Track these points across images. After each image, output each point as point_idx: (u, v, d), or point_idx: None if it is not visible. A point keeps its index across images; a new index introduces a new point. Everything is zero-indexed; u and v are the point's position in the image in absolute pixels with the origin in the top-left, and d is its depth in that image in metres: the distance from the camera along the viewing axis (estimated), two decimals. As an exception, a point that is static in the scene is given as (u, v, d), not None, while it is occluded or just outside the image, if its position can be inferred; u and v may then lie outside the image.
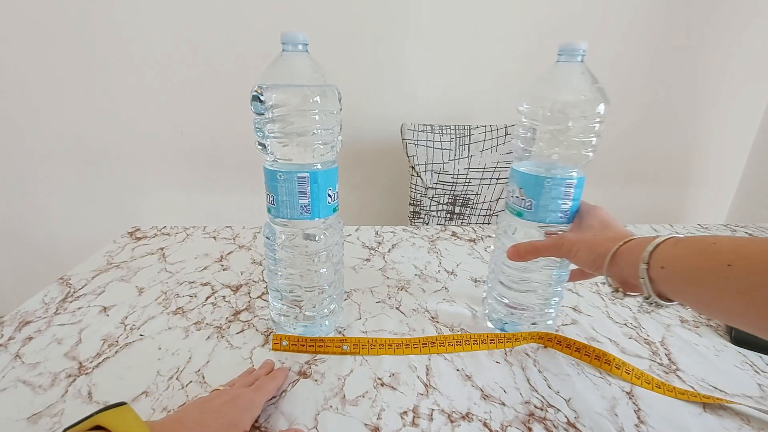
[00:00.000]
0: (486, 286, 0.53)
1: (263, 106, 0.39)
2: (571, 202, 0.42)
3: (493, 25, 1.27)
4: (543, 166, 0.43)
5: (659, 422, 0.37)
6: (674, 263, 0.30)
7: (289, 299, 0.46)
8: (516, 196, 0.44)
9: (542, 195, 0.41)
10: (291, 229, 0.44)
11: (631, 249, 0.33)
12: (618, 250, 0.34)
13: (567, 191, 0.41)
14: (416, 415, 0.37)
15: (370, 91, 1.31)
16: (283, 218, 0.42)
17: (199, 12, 1.19)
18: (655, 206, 1.56)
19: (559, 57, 0.41)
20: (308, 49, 0.40)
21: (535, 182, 0.42)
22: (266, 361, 0.43)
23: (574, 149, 0.41)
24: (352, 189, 1.42)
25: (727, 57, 1.36)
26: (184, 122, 1.31)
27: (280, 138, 0.40)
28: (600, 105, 0.40)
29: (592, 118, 0.40)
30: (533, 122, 0.42)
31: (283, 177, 0.40)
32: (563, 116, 0.40)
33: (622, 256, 0.34)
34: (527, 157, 0.44)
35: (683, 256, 0.30)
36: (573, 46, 0.39)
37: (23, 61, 1.21)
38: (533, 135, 0.43)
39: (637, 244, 0.33)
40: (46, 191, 1.36)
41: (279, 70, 0.39)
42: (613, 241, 0.35)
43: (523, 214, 0.43)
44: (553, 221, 0.43)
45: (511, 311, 0.48)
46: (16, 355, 0.43)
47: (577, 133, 0.40)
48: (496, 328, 0.50)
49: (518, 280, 0.47)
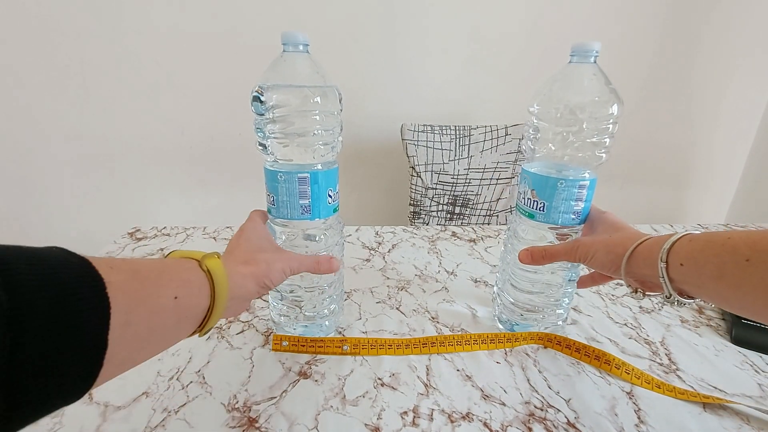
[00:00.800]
0: (495, 288, 0.53)
1: (264, 107, 0.39)
2: (584, 204, 0.42)
3: (493, 25, 1.27)
4: (554, 167, 0.43)
5: (659, 422, 0.37)
6: (693, 260, 0.30)
7: (290, 299, 0.46)
8: (528, 198, 0.44)
9: (555, 196, 0.41)
10: (291, 229, 0.44)
11: (649, 247, 0.33)
12: (635, 249, 0.34)
13: (580, 192, 0.41)
14: (416, 415, 0.37)
15: (370, 92, 1.31)
16: (284, 218, 0.42)
17: (200, 12, 1.19)
18: (655, 206, 1.56)
19: (572, 58, 0.41)
20: (309, 50, 0.40)
21: (548, 184, 0.41)
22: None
23: (587, 150, 0.41)
24: (352, 189, 1.42)
25: (727, 57, 1.36)
26: (184, 122, 1.31)
27: (281, 138, 0.40)
28: (614, 106, 0.40)
29: (605, 119, 0.40)
30: (543, 123, 0.42)
31: (284, 177, 0.40)
32: (576, 117, 0.40)
33: (639, 255, 0.34)
34: (537, 158, 0.44)
35: (701, 252, 0.30)
36: (586, 47, 0.39)
37: (23, 61, 1.21)
38: (542, 135, 0.43)
39: (654, 242, 0.33)
40: (46, 191, 1.36)
41: (280, 70, 0.39)
42: (629, 240, 0.35)
43: (534, 216, 0.43)
44: (566, 222, 0.42)
45: (521, 313, 0.48)
46: (16, 355, 0.43)
47: (590, 135, 0.40)
48: (505, 329, 0.50)
49: (529, 281, 0.47)
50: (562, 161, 0.42)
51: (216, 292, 0.29)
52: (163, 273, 0.27)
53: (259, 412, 0.37)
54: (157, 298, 0.25)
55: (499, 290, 0.51)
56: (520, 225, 0.46)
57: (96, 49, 1.21)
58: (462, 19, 1.26)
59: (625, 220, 0.41)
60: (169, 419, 0.36)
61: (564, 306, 0.48)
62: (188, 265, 0.29)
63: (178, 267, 0.28)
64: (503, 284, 0.50)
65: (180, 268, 0.28)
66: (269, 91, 0.39)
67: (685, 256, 0.30)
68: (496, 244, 0.74)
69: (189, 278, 0.28)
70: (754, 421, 0.37)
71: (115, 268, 0.23)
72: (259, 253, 0.36)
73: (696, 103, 1.42)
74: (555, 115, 0.41)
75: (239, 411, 0.37)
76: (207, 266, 0.29)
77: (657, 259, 0.31)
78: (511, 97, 1.35)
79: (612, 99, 0.40)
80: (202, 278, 0.29)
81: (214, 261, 0.30)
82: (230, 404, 0.38)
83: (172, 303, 0.26)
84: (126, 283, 0.23)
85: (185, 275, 0.28)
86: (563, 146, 0.42)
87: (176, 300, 0.26)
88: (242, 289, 0.33)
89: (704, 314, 0.54)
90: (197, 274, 0.29)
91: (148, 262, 0.27)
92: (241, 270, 0.33)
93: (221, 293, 0.29)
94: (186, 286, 0.28)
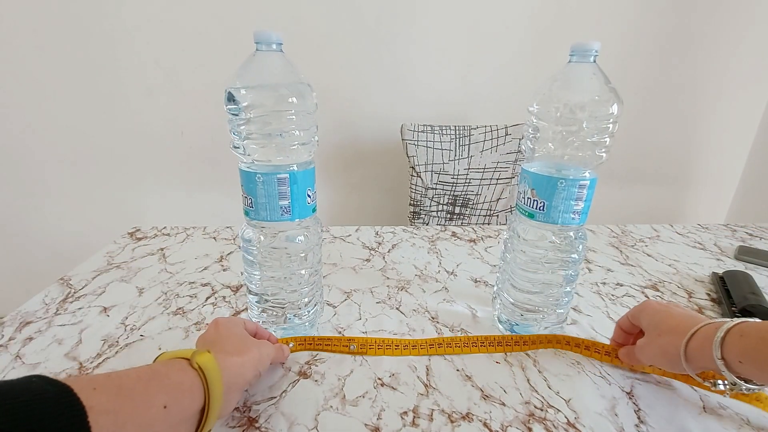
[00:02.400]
0: (495, 288, 0.53)
1: (237, 107, 0.38)
2: (584, 203, 0.42)
3: (493, 25, 1.27)
4: (554, 166, 0.43)
5: (659, 422, 0.37)
6: (751, 359, 0.31)
7: (271, 302, 0.46)
8: (528, 197, 0.44)
9: (555, 196, 0.41)
10: (270, 231, 0.43)
11: (701, 346, 0.33)
12: (687, 350, 0.34)
13: (580, 192, 0.41)
14: (416, 415, 0.37)
15: (370, 92, 1.31)
16: (263, 220, 0.42)
17: (200, 12, 1.19)
18: (655, 206, 1.57)
19: (571, 57, 0.41)
20: (282, 48, 0.39)
21: (548, 183, 0.41)
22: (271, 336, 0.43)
23: (587, 150, 0.41)
24: (352, 189, 1.42)
25: (728, 57, 1.36)
26: (184, 122, 1.31)
27: (258, 139, 0.40)
28: (613, 105, 0.40)
29: (605, 118, 0.40)
30: (543, 123, 0.42)
31: (263, 179, 0.40)
32: (576, 117, 0.40)
33: (694, 355, 0.34)
34: (537, 157, 0.44)
35: (755, 349, 0.30)
36: (585, 46, 0.39)
37: (23, 61, 1.21)
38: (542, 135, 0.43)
39: (703, 339, 0.34)
40: (46, 191, 1.36)
41: (253, 69, 0.39)
42: (678, 337, 0.35)
43: (534, 216, 0.43)
44: (566, 222, 0.43)
45: (521, 313, 0.48)
46: (16, 355, 0.43)
47: (590, 134, 0.40)
48: (505, 329, 0.50)
49: (529, 281, 0.47)
50: (563, 161, 0.42)
51: (210, 389, 0.29)
52: (152, 381, 0.26)
53: (258, 412, 0.37)
54: (145, 411, 0.25)
55: (498, 290, 0.51)
56: (520, 225, 0.46)
57: (96, 49, 1.21)
58: (462, 18, 1.26)
59: (626, 220, 0.41)
60: (169, 419, 0.36)
61: (564, 305, 0.48)
62: (178, 367, 0.29)
63: (168, 370, 0.28)
64: (503, 284, 0.50)
65: (169, 372, 0.28)
66: (243, 90, 0.38)
67: (742, 354, 0.31)
68: (496, 244, 0.74)
69: (180, 380, 0.28)
70: (755, 421, 0.37)
71: (98, 388, 0.23)
72: (246, 341, 0.37)
73: (696, 103, 1.42)
74: (555, 115, 0.41)
75: (239, 411, 0.37)
76: (198, 363, 0.29)
77: (712, 357, 0.32)
78: (511, 97, 1.35)
79: (612, 98, 0.40)
80: (193, 377, 0.29)
81: (205, 357, 0.30)
82: (230, 404, 0.38)
83: (162, 413, 0.26)
84: (110, 403, 0.23)
85: (175, 378, 0.28)
86: (563, 146, 0.42)
87: (166, 409, 0.26)
88: (239, 378, 0.33)
89: (704, 314, 0.54)
90: (188, 374, 0.29)
91: (136, 372, 0.27)
92: (236, 360, 0.33)
93: (215, 390, 0.29)
94: (176, 391, 0.27)
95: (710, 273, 0.65)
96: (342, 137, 1.32)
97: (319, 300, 0.49)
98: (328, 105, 1.26)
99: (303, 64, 0.41)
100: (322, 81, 1.25)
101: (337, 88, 1.27)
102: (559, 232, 0.44)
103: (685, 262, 0.70)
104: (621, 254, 0.72)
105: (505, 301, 0.49)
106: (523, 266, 0.46)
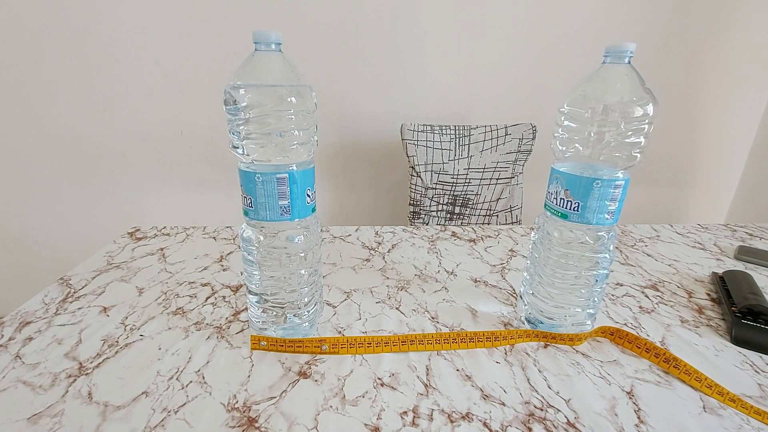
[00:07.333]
0: (522, 288, 0.53)
1: (236, 107, 0.38)
2: (617, 204, 0.42)
3: (493, 25, 1.27)
4: (587, 167, 0.43)
5: (659, 422, 0.37)
6: None
7: (270, 302, 0.46)
8: (560, 198, 0.44)
9: (590, 196, 0.42)
10: (269, 230, 0.43)
11: None
12: None
13: (615, 192, 0.41)
14: (416, 415, 0.37)
15: (370, 92, 1.31)
16: (263, 220, 0.42)
17: (200, 11, 1.19)
18: (655, 206, 1.56)
19: (605, 58, 0.41)
20: (281, 48, 0.39)
21: (583, 184, 0.42)
22: None
23: (624, 150, 0.41)
24: (352, 189, 1.42)
25: (727, 57, 1.36)
26: (184, 122, 1.31)
27: (258, 139, 0.40)
28: (649, 106, 0.40)
29: (642, 119, 0.40)
30: (574, 123, 0.42)
31: (262, 179, 0.40)
32: (612, 117, 0.40)
33: None
34: (567, 158, 0.44)
35: None
36: (620, 47, 0.40)
37: (23, 61, 1.21)
38: (573, 136, 0.43)
39: None
40: (46, 191, 1.36)
41: (252, 70, 0.39)
42: None
43: (568, 216, 0.43)
44: (600, 223, 0.43)
45: (550, 313, 0.48)
46: (16, 355, 0.43)
47: (627, 135, 0.40)
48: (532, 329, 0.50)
49: (560, 280, 0.47)
50: (597, 161, 0.43)
51: None
52: None
53: (258, 412, 0.37)
54: None
55: (525, 290, 0.51)
56: (551, 225, 0.46)
57: (96, 49, 1.21)
58: (462, 18, 1.26)
59: (626, 219, 0.41)
60: (168, 419, 0.36)
61: (594, 306, 0.48)
62: None
63: None
64: (532, 284, 0.50)
65: None
66: (242, 90, 0.38)
67: None
68: (496, 244, 0.74)
69: None
70: (755, 421, 0.37)
71: None
72: None
73: (696, 103, 1.42)
74: (588, 115, 0.41)
75: (239, 411, 0.37)
76: None
77: None
78: (511, 97, 1.35)
79: (648, 99, 0.40)
80: None
81: None
82: (230, 404, 0.38)
83: None
84: None
85: None
86: (599, 146, 0.42)
87: None
88: None
89: (704, 314, 0.54)
90: None
91: None
92: None
93: None
94: None
95: (710, 273, 0.65)
96: (342, 137, 1.32)
97: (318, 300, 0.49)
98: (328, 105, 1.27)
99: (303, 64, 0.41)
100: (322, 81, 1.25)
101: (337, 88, 1.27)
102: (591, 232, 0.44)
103: (685, 262, 0.70)
104: (621, 254, 0.72)
105: (534, 301, 0.49)
106: (554, 266, 0.46)
